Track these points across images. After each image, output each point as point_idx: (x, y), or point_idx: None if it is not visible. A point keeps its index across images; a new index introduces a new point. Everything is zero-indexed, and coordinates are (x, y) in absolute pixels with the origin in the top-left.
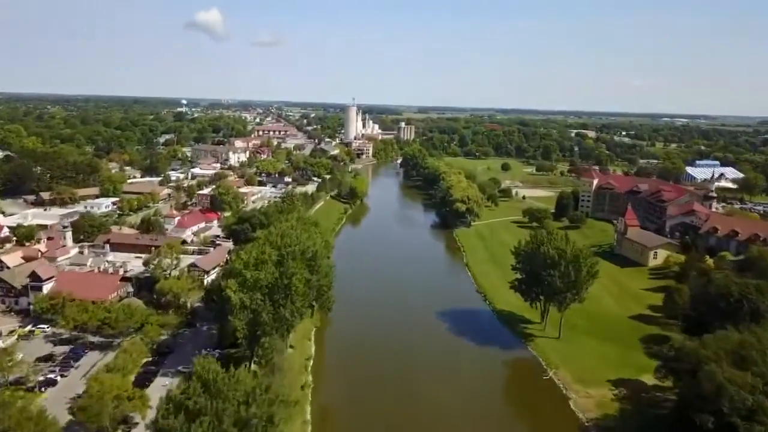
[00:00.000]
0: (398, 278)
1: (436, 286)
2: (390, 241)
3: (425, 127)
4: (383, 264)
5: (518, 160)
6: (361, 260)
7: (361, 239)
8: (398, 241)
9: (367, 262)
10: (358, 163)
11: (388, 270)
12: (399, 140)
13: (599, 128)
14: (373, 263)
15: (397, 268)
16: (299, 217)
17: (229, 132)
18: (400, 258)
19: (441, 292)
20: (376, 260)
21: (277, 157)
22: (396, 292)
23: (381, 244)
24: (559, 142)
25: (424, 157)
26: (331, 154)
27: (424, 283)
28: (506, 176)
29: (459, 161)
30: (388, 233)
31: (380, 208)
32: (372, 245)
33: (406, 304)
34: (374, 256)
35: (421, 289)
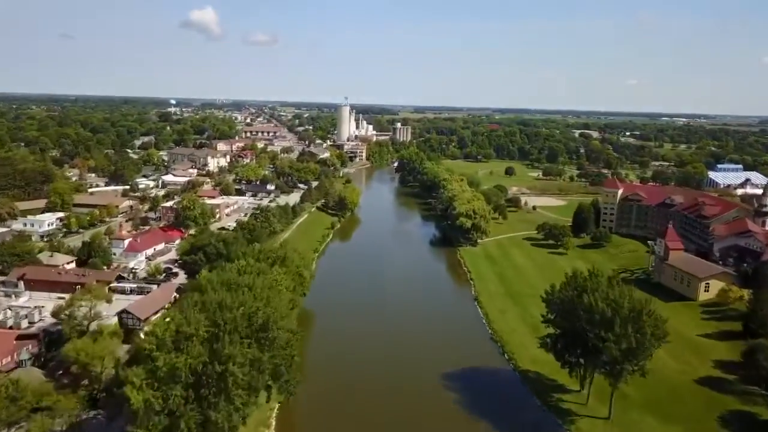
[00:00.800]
0: (392, 320)
1: (440, 331)
2: (383, 264)
3: (422, 128)
4: (373, 299)
5: (521, 163)
6: (345, 292)
7: (349, 262)
8: (392, 264)
9: (353, 296)
10: (351, 166)
11: (379, 308)
12: (395, 142)
13: (601, 128)
14: (361, 297)
15: (391, 305)
16: (261, 251)
17: (213, 134)
18: (394, 290)
19: (447, 340)
20: (364, 292)
21: (260, 162)
22: (389, 340)
23: (372, 270)
24: (564, 143)
25: (421, 161)
26: (320, 158)
27: (425, 326)
28: (511, 182)
29: (459, 165)
30: (381, 254)
31: (373, 220)
32: (361, 270)
33: (403, 359)
34: (363, 286)
35: (422, 336)
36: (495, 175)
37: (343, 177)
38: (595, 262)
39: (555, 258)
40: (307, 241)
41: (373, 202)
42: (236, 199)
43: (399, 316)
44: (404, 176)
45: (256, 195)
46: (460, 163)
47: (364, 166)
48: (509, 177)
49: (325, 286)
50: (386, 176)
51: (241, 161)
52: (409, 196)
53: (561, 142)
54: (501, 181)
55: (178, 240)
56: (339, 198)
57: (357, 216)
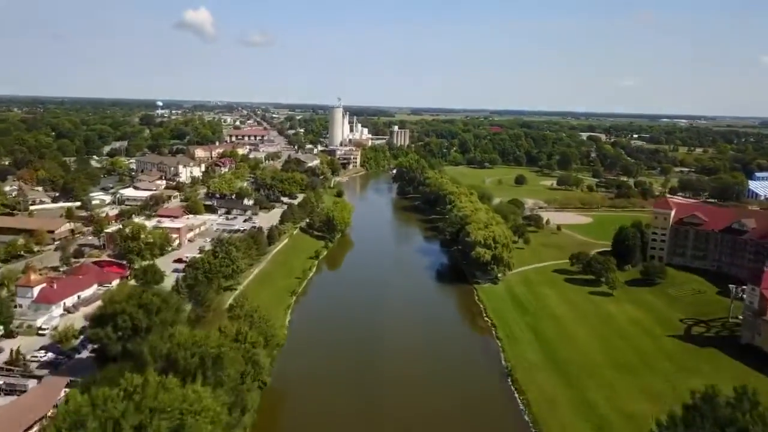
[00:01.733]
0: (389, 412)
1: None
2: (378, 311)
3: (420, 131)
4: (363, 372)
5: (530, 170)
6: (326, 358)
7: (335, 308)
8: (391, 311)
9: (336, 365)
10: (344, 174)
11: (371, 390)
12: (392, 146)
13: (606, 130)
14: (348, 367)
15: (388, 382)
16: (181, 345)
17: (194, 138)
18: (393, 355)
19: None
20: (352, 360)
21: (239, 172)
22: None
23: (364, 322)
24: (574, 147)
25: (423, 170)
26: (308, 166)
27: (435, 425)
28: (523, 192)
29: (462, 172)
30: (377, 294)
31: (368, 244)
32: (350, 322)
33: None
34: (350, 348)
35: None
36: (504, 185)
37: (334, 188)
38: (653, 309)
39: (600, 301)
40: (283, 278)
41: (368, 218)
42: (204, 219)
43: (398, 404)
44: (403, 186)
45: (229, 213)
46: (464, 170)
47: (358, 174)
48: (520, 187)
49: (301, 348)
50: (383, 185)
51: (218, 171)
52: (409, 211)
53: (571, 146)
54: (512, 192)
55: (117, 281)
56: (327, 218)
57: (349, 238)
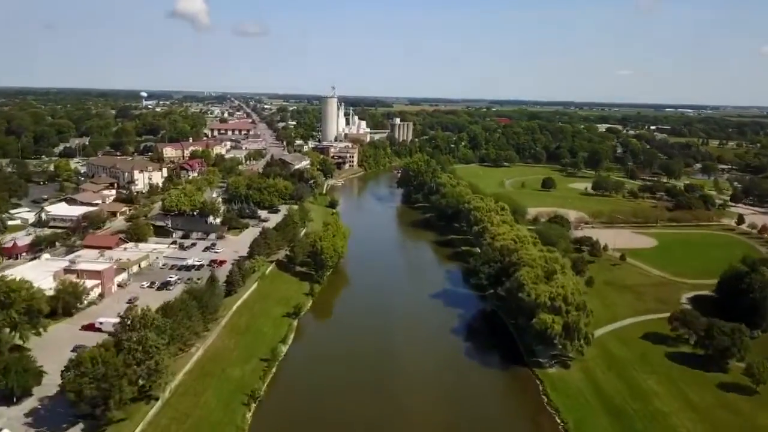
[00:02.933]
0: None
1: None
2: (387, 419)
3: (423, 123)
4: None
5: (551, 168)
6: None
7: (318, 416)
8: (406, 413)
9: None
10: (339, 176)
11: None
12: (393, 142)
13: (620, 121)
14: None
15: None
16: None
17: (168, 133)
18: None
19: None
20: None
21: (207, 179)
22: None
23: None
24: (597, 142)
25: (434, 174)
26: (295, 168)
27: None
28: (553, 199)
29: (474, 171)
30: (383, 379)
31: (369, 283)
32: None
33: None
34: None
35: None
36: (528, 189)
37: (327, 195)
38: None
39: (740, 404)
40: (239, 364)
41: (368, 239)
42: (149, 250)
43: None
44: (409, 193)
45: (188, 236)
46: (477, 169)
47: (355, 175)
48: (548, 192)
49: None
50: (384, 190)
51: (184, 176)
52: (420, 227)
53: (593, 140)
54: (541, 199)
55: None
56: (313, 249)
57: (343, 272)
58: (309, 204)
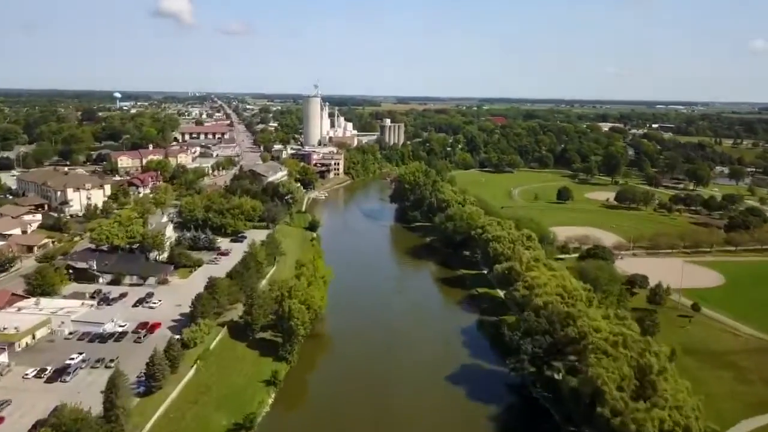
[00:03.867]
0: None
1: None
2: None
3: (415, 124)
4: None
5: (560, 174)
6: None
7: None
8: None
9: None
10: (322, 186)
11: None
12: (383, 145)
13: (618, 120)
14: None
15: None
16: None
17: (134, 138)
18: None
19: None
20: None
21: (157, 197)
22: None
23: None
24: (603, 143)
25: (434, 187)
26: (269, 182)
27: None
28: (573, 214)
29: (476, 179)
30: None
31: (357, 351)
32: None
33: None
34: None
35: None
36: (543, 202)
37: (305, 214)
38: None
39: None
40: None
41: (355, 276)
42: (54, 309)
43: None
44: (405, 210)
45: (119, 281)
46: (478, 176)
47: (341, 184)
48: (565, 205)
49: None
50: (374, 203)
51: (134, 193)
52: (420, 256)
53: (600, 142)
54: (560, 216)
55: None
56: (280, 310)
57: (324, 333)
58: (284, 227)
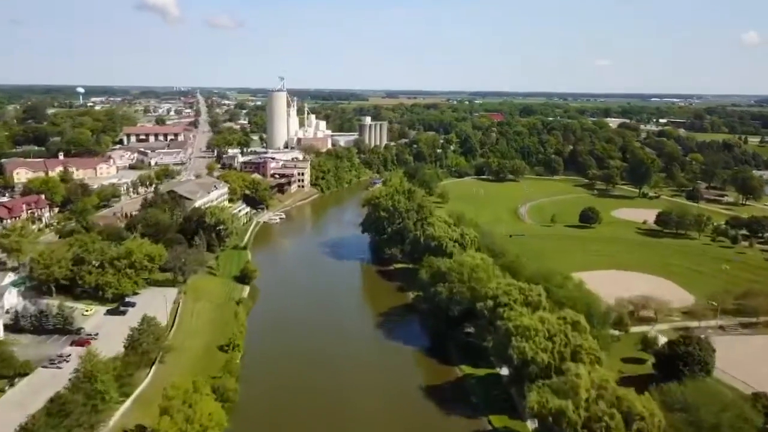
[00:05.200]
0: None
1: None
2: None
3: (402, 121)
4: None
5: (572, 181)
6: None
7: None
8: None
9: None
10: (281, 203)
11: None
12: (362, 148)
13: (622, 114)
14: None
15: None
16: None
17: (63, 143)
18: None
19: None
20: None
21: (7, 242)
22: None
23: None
24: (616, 143)
25: (421, 215)
26: (194, 208)
27: None
28: (610, 247)
29: (471, 192)
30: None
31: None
32: None
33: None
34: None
35: None
36: (562, 226)
37: (244, 250)
38: None
39: None
40: None
41: (297, 368)
42: None
43: None
44: (381, 243)
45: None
46: (475, 186)
47: (307, 199)
48: (591, 230)
49: None
50: (345, 230)
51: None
52: (401, 331)
53: (613, 141)
54: (595, 255)
55: None
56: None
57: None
58: (203, 280)
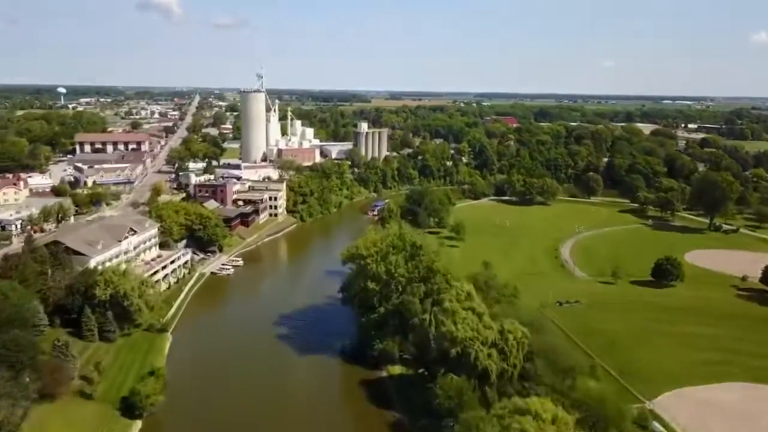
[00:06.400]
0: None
1: None
2: None
3: (404, 126)
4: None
5: (616, 204)
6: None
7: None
8: None
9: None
10: (242, 240)
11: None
12: (356, 161)
13: (643, 119)
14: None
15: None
16: None
17: None
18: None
19: None
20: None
21: None
22: None
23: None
24: (659, 155)
25: (431, 285)
26: (86, 268)
27: None
28: (716, 331)
29: (491, 215)
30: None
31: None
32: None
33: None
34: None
35: None
36: (625, 283)
37: (164, 333)
38: None
39: None
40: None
41: None
42: None
43: None
44: (367, 327)
45: None
46: (495, 211)
47: (279, 233)
48: (673, 291)
49: None
50: (326, 288)
51: None
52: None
53: (653, 153)
54: (689, 349)
55: None
56: None
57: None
58: (54, 413)
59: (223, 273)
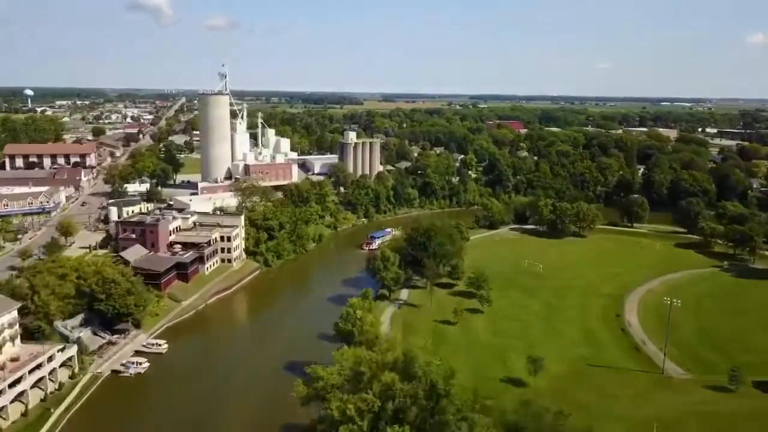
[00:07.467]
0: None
1: None
2: None
3: (400, 133)
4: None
5: (668, 238)
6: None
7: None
8: None
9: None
10: (176, 303)
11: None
12: (341, 179)
13: (655, 122)
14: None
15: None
16: None
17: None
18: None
19: None
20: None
21: None
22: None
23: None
24: (701, 168)
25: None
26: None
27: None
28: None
29: (512, 253)
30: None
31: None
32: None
33: None
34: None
35: None
36: (756, 408)
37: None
38: None
39: None
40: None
41: None
42: None
43: None
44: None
45: None
46: (519, 246)
47: (230, 289)
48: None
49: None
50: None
51: None
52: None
53: (700, 168)
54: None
55: None
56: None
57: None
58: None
59: (129, 372)
